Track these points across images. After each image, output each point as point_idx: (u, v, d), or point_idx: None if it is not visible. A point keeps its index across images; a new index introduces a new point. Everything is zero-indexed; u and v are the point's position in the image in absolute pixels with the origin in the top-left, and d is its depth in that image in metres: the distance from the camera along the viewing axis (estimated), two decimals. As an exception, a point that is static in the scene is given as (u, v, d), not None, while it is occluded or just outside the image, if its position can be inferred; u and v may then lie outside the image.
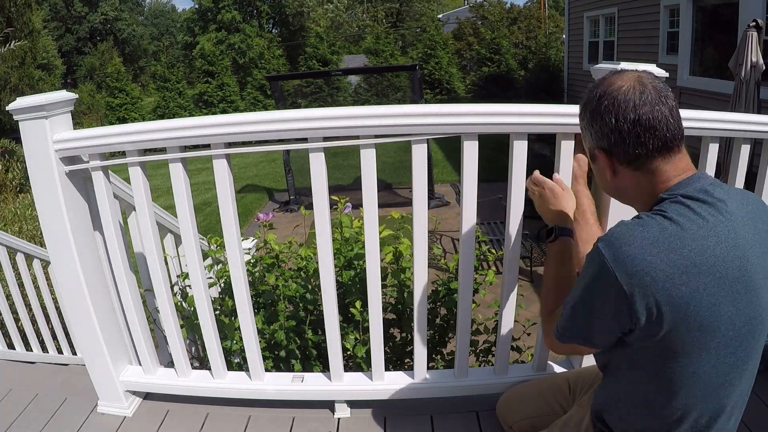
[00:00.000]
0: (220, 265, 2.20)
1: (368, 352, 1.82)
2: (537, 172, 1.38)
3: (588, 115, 1.02)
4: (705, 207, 0.92)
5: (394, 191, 9.20)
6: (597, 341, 1.03)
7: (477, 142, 1.46)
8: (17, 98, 1.50)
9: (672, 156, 0.97)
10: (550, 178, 1.48)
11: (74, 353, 3.18)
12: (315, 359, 2.10)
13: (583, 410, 1.24)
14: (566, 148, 1.46)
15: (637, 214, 0.99)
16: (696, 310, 0.88)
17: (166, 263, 2.27)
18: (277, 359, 2.05)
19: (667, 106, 0.95)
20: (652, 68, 1.34)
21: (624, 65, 1.34)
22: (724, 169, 3.62)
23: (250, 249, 2.93)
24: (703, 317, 0.88)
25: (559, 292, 1.18)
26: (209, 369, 1.83)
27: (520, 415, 1.49)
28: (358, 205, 1.69)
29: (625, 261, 0.89)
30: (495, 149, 4.83)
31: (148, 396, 1.94)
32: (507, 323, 1.69)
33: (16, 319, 3.13)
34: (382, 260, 1.89)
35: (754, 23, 4.95)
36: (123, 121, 16.14)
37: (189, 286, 1.96)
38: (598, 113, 0.98)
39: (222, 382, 1.82)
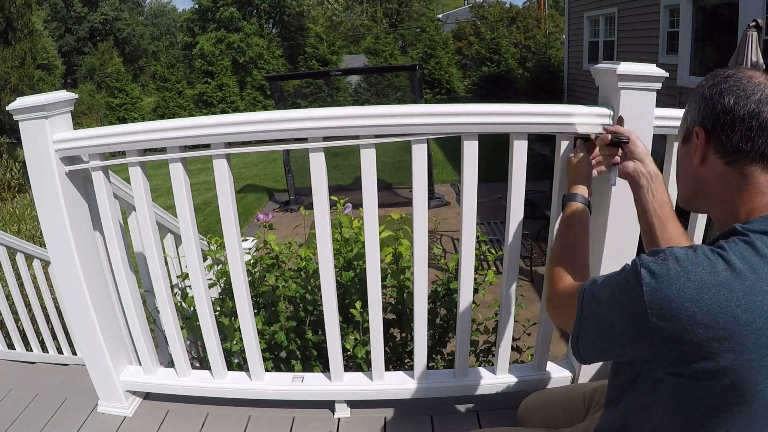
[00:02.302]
0: (220, 266, 2.20)
1: (368, 353, 1.82)
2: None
3: (707, 88, 0.92)
4: None
5: (394, 191, 9.20)
6: (609, 357, 0.97)
7: (477, 142, 1.46)
8: (17, 98, 1.50)
9: None
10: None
11: (74, 353, 3.18)
12: (315, 359, 2.10)
13: (592, 425, 1.17)
14: (566, 148, 1.46)
15: (692, 245, 0.85)
16: (727, 371, 0.77)
17: (166, 263, 2.27)
18: (277, 360, 2.05)
19: None
20: (651, 68, 1.34)
21: (624, 66, 1.34)
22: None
23: (250, 249, 2.93)
24: (737, 381, 0.77)
25: (564, 257, 1.16)
26: (209, 369, 1.83)
27: (537, 424, 1.48)
28: (358, 205, 1.69)
29: (662, 301, 0.78)
30: (495, 149, 4.83)
31: (148, 396, 1.94)
32: (507, 323, 1.69)
33: (16, 319, 3.13)
34: (381, 261, 1.89)
35: (754, 23, 4.95)
36: (123, 121, 16.14)
37: (189, 286, 1.96)
38: (719, 89, 0.89)
39: (222, 382, 1.82)
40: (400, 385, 1.77)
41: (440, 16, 30.06)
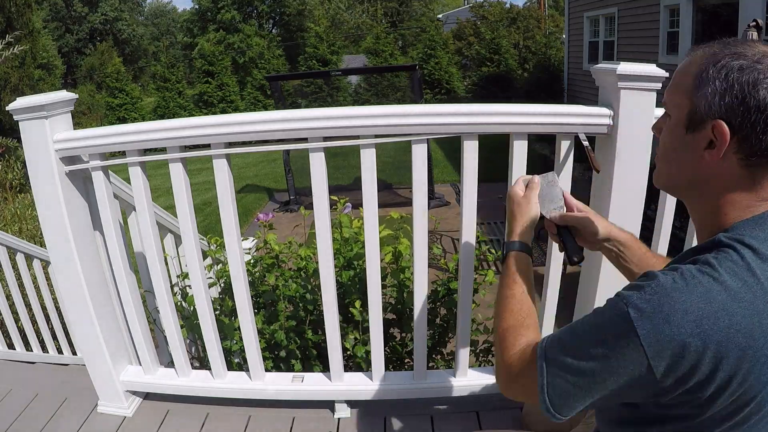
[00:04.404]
0: (220, 265, 2.20)
1: (368, 352, 1.82)
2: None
3: (735, 72, 0.74)
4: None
5: (394, 191, 9.20)
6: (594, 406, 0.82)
7: (477, 142, 1.46)
8: (17, 98, 1.50)
9: None
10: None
11: (74, 353, 3.18)
12: (315, 359, 2.10)
13: (588, 429, 1.18)
14: (566, 148, 1.46)
15: (673, 266, 0.76)
16: (732, 394, 0.72)
17: (166, 263, 2.27)
18: (277, 359, 2.05)
19: None
20: (651, 68, 1.34)
21: (624, 66, 1.34)
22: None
23: (250, 249, 2.93)
24: (742, 401, 0.73)
25: (513, 322, 0.99)
26: (209, 369, 1.83)
27: (539, 427, 1.49)
28: (358, 205, 1.69)
29: (660, 341, 0.69)
30: (495, 149, 4.83)
31: (148, 396, 1.94)
32: (507, 323, 1.68)
33: (16, 319, 3.13)
34: (381, 260, 1.89)
35: (754, 23, 4.94)
36: (123, 121, 16.16)
37: (189, 286, 1.96)
38: (751, 76, 0.73)
39: (222, 382, 1.82)
40: (400, 385, 1.77)
41: (440, 16, 30.09)
